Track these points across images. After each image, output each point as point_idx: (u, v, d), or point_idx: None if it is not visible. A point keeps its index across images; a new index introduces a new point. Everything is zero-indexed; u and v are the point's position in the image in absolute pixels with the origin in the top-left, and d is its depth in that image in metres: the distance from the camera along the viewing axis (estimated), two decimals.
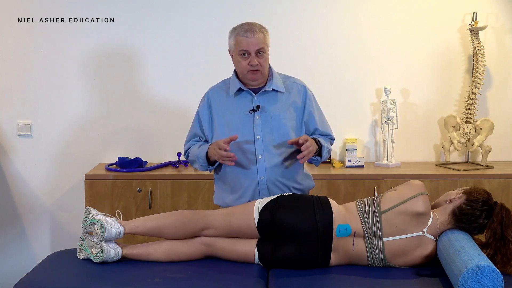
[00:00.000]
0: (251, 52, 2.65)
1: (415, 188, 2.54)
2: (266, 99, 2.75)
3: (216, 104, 2.80)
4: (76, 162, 3.87)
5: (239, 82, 2.76)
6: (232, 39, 2.70)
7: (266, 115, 2.73)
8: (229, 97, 2.78)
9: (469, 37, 3.77)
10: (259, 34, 2.66)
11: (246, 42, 2.65)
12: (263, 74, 2.72)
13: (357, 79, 3.87)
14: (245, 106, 2.75)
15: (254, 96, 2.75)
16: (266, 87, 2.75)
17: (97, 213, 2.57)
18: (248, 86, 2.76)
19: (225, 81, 2.86)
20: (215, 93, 2.84)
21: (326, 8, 3.83)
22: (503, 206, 2.51)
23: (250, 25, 2.68)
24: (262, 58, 2.68)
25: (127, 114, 3.88)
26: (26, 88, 3.85)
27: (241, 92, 2.77)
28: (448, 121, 3.82)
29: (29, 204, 3.91)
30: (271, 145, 2.71)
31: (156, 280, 2.38)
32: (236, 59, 2.71)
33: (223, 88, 2.83)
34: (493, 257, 2.40)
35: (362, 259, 2.50)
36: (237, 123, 2.73)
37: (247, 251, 2.54)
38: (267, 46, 2.70)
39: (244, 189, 2.72)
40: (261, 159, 2.70)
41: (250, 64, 2.67)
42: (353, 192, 3.50)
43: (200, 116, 2.83)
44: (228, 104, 2.78)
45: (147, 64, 3.85)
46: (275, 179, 2.71)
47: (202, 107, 2.84)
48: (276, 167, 2.71)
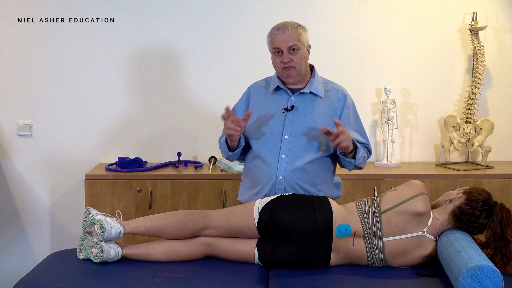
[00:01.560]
0: (283, 49, 2.67)
1: (415, 188, 2.54)
2: (302, 101, 2.75)
3: (254, 99, 2.83)
4: (76, 162, 3.87)
5: (279, 80, 2.77)
6: (268, 38, 2.74)
7: (299, 117, 2.72)
8: (267, 94, 2.81)
9: (469, 37, 3.77)
10: (291, 31, 2.66)
11: (277, 40, 2.67)
12: (298, 72, 2.71)
13: (357, 79, 3.87)
14: (280, 104, 2.76)
15: (291, 96, 2.76)
16: (305, 89, 2.75)
17: (97, 213, 2.56)
18: (287, 86, 2.77)
19: (267, 78, 2.89)
20: (256, 88, 2.88)
21: (326, 8, 3.83)
22: (503, 206, 2.51)
23: (283, 23, 2.71)
24: (296, 55, 2.67)
25: (127, 114, 3.88)
26: (26, 88, 3.85)
27: (279, 90, 2.78)
28: (448, 121, 3.82)
29: (29, 204, 3.91)
30: (297, 147, 2.69)
31: (156, 280, 2.37)
32: (272, 58, 2.74)
33: (264, 84, 2.86)
34: (493, 257, 2.40)
35: (362, 259, 2.50)
36: (268, 119, 2.74)
37: (247, 251, 2.54)
38: (301, 43, 2.69)
39: (262, 185, 2.72)
40: (283, 159, 2.69)
41: (282, 61, 2.67)
42: (353, 192, 3.50)
43: (236, 109, 2.85)
44: (265, 100, 2.80)
45: (147, 64, 3.85)
46: (294, 182, 2.69)
47: (240, 100, 2.88)
48: (297, 170, 2.69)
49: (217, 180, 3.52)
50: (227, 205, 3.46)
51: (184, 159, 3.85)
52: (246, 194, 2.81)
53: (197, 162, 3.80)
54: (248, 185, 2.81)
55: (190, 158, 3.89)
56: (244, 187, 2.86)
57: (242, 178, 2.89)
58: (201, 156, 3.86)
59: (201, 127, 3.87)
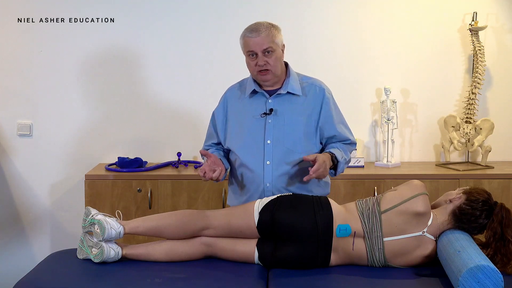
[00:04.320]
0: (258, 52, 2.59)
1: (415, 188, 2.54)
2: (280, 102, 2.68)
3: (232, 105, 2.76)
4: (76, 162, 3.87)
5: (255, 83, 2.70)
6: (241, 40, 2.65)
7: (279, 119, 2.66)
8: (244, 98, 2.73)
9: (469, 37, 3.77)
10: (264, 33, 2.58)
11: (252, 42, 2.59)
12: (274, 74, 2.64)
13: (357, 79, 3.87)
14: (258, 109, 2.68)
15: (268, 98, 2.69)
16: (281, 89, 2.68)
17: (97, 213, 2.56)
18: (263, 88, 2.70)
19: (243, 80, 2.81)
20: (232, 92, 2.79)
21: (326, 8, 3.83)
22: (503, 206, 2.51)
23: (256, 24, 2.62)
24: (271, 57, 2.60)
25: (127, 114, 3.88)
26: (26, 88, 3.85)
27: (256, 93, 2.71)
28: (448, 121, 3.82)
29: (29, 204, 3.91)
30: (281, 152, 2.64)
31: (156, 280, 2.37)
32: (246, 61, 2.66)
33: (239, 88, 2.78)
34: (493, 257, 2.40)
35: (362, 259, 2.50)
36: (249, 126, 2.68)
37: (247, 251, 2.54)
38: (275, 44, 2.61)
39: (250, 193, 2.70)
40: (268, 165, 2.65)
41: (257, 64, 2.60)
42: (353, 192, 3.50)
43: (215, 116, 2.80)
44: (242, 105, 2.73)
45: (147, 64, 3.85)
46: (282, 187, 2.66)
47: (218, 107, 2.80)
48: (283, 175, 2.65)
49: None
50: (227, 205, 3.45)
51: (184, 159, 3.85)
52: (236, 200, 2.78)
53: (197, 162, 3.80)
54: (236, 191, 2.78)
55: (190, 158, 3.89)
56: (232, 192, 2.83)
57: (229, 183, 2.85)
58: (201, 156, 3.86)
59: (201, 127, 3.86)
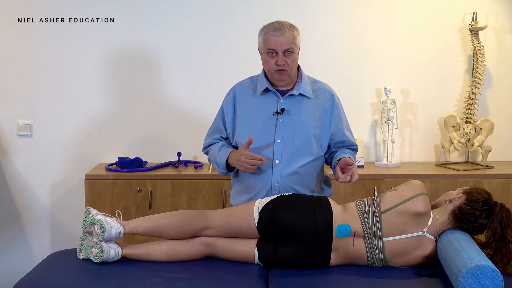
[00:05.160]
0: (279, 51, 2.60)
1: (415, 188, 2.54)
2: (292, 103, 2.70)
3: (241, 101, 2.76)
4: (76, 162, 3.87)
5: (267, 81, 2.71)
6: (261, 37, 2.66)
7: (290, 120, 2.68)
8: (255, 96, 2.74)
9: (469, 37, 3.77)
10: (288, 33, 2.60)
11: (274, 41, 2.60)
12: (290, 75, 2.67)
13: (357, 79, 3.87)
14: (270, 107, 2.70)
15: (280, 98, 2.70)
16: (294, 90, 2.70)
17: (97, 213, 2.56)
18: (275, 87, 2.72)
19: (252, 78, 2.81)
20: (241, 89, 2.79)
21: (326, 8, 3.83)
22: (503, 206, 2.51)
23: (280, 23, 2.63)
24: (290, 58, 2.62)
25: (127, 114, 3.88)
26: (26, 88, 3.85)
27: (267, 92, 2.72)
28: (448, 121, 3.82)
29: (29, 204, 3.91)
30: (291, 151, 2.66)
31: (156, 280, 2.37)
32: (264, 58, 2.66)
33: (250, 85, 2.79)
34: (493, 257, 2.40)
35: (362, 259, 2.50)
36: (259, 124, 2.69)
37: (247, 251, 2.54)
38: (296, 46, 2.64)
39: (257, 191, 2.70)
40: (278, 164, 2.67)
41: (277, 63, 2.61)
42: (353, 192, 3.50)
43: (224, 110, 2.79)
44: (253, 102, 2.73)
45: (147, 64, 3.85)
46: (289, 186, 2.67)
47: (227, 101, 2.79)
48: (292, 174, 2.67)
49: (217, 180, 3.52)
50: (227, 205, 3.46)
51: (184, 159, 3.85)
52: (239, 198, 2.78)
53: (197, 162, 3.80)
54: (240, 190, 2.78)
55: (190, 158, 3.89)
56: (235, 190, 2.83)
57: (233, 182, 2.85)
58: (201, 156, 3.85)
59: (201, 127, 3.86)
